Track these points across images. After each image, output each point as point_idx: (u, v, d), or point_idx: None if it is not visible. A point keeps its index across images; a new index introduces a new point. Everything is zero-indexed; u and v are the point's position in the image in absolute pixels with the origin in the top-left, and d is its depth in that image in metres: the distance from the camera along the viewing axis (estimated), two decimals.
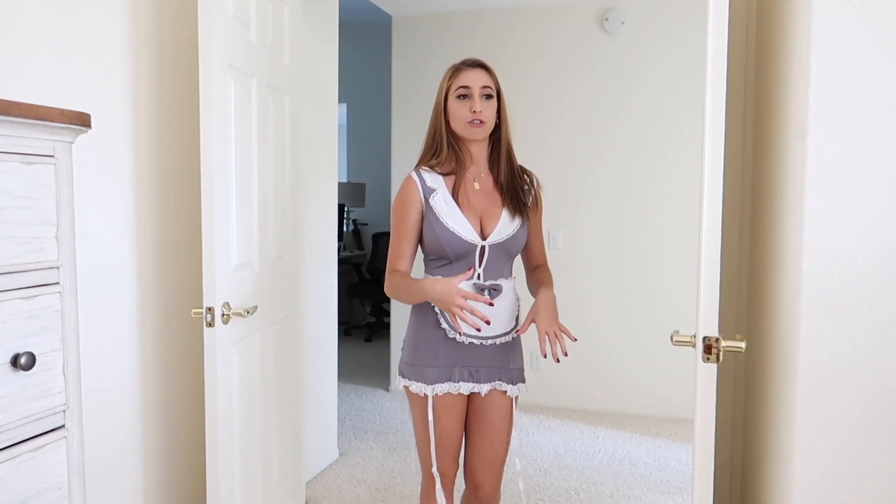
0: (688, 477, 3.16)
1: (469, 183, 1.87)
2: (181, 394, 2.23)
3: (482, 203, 1.87)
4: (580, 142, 4.10)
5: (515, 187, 1.89)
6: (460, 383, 1.85)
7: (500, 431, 1.90)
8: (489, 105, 1.84)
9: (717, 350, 1.43)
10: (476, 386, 1.87)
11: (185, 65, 2.16)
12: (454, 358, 1.85)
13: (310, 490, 2.99)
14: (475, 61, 1.88)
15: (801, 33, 1.46)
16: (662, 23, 3.92)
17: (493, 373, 1.88)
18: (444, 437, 1.87)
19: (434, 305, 1.84)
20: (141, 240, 2.04)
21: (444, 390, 1.84)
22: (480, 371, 1.87)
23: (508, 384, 1.89)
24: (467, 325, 1.74)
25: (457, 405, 1.88)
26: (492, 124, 1.86)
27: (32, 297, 1.23)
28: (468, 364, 1.86)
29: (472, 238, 1.82)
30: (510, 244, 1.86)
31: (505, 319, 1.88)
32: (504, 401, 1.90)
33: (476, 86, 1.83)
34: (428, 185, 1.85)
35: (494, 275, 1.85)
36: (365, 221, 6.60)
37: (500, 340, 1.88)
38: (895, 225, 1.35)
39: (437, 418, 1.85)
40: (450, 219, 1.82)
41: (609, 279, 4.10)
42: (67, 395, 1.30)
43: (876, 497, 1.39)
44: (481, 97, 1.83)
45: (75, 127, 1.30)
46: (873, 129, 1.36)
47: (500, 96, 1.89)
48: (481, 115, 1.81)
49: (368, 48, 5.98)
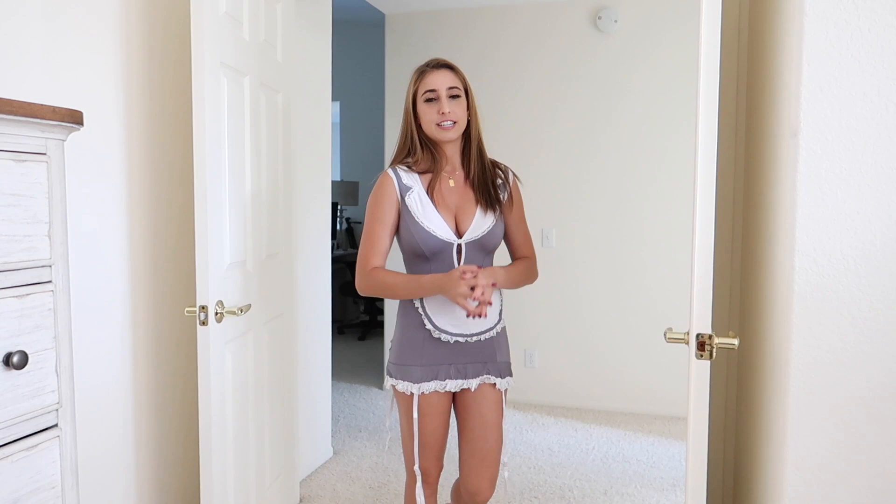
0: (681, 473, 3.17)
1: (445, 181, 1.89)
2: (174, 393, 2.22)
3: (457, 201, 1.89)
4: (573, 140, 4.10)
5: (487, 183, 1.91)
6: (447, 381, 1.87)
7: (492, 426, 1.91)
8: (457, 104, 1.85)
9: (710, 347, 1.44)
10: (465, 382, 1.89)
11: (177, 62, 2.15)
12: (440, 357, 1.87)
13: (304, 488, 2.99)
14: (439, 62, 1.88)
15: (793, 33, 1.47)
16: (655, 21, 3.94)
17: (481, 367, 1.89)
18: (427, 435, 1.89)
19: (418, 306, 1.87)
20: (134, 238, 2.04)
21: (431, 389, 1.86)
22: (468, 367, 1.88)
23: (497, 377, 1.91)
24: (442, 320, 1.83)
25: (441, 404, 1.89)
26: (463, 123, 1.87)
27: (25, 295, 1.22)
28: (455, 361, 1.88)
29: (448, 236, 1.85)
30: (486, 240, 1.88)
31: (490, 315, 1.90)
32: (494, 394, 1.92)
33: (442, 87, 1.84)
34: (404, 182, 1.87)
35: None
36: (358, 220, 6.59)
37: (485, 336, 1.90)
38: (885, 223, 1.37)
39: (422, 417, 1.88)
40: (425, 217, 1.84)
41: (603, 277, 4.12)
42: (60, 394, 1.29)
43: (866, 492, 1.40)
44: (448, 98, 1.84)
45: (67, 124, 1.30)
46: (864, 128, 1.37)
47: (469, 93, 1.90)
48: (451, 116, 1.83)
49: (362, 46, 5.97)
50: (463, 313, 1.80)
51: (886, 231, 1.36)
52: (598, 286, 4.13)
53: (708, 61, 1.42)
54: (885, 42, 1.35)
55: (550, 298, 4.19)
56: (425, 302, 1.86)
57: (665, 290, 3.98)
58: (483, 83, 4.19)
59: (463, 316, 1.82)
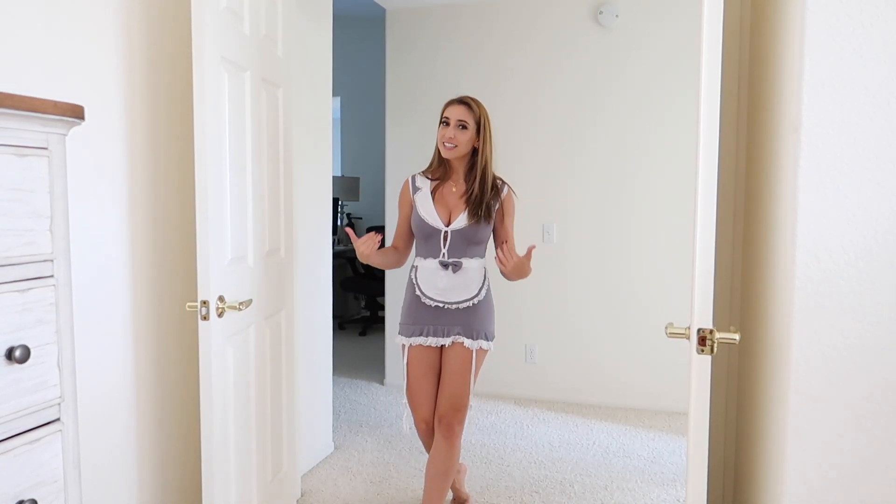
0: (681, 469, 3.18)
1: (448, 187, 2.43)
2: (175, 387, 2.23)
3: (453, 202, 2.42)
4: (574, 134, 4.10)
5: (481, 200, 2.37)
6: (429, 338, 2.41)
7: (457, 374, 2.39)
8: (462, 133, 2.35)
9: (712, 342, 1.44)
10: (442, 339, 2.40)
11: (178, 57, 2.15)
12: (426, 318, 2.41)
13: (305, 483, 2.99)
14: (461, 99, 2.40)
15: (794, 27, 1.46)
16: (656, 16, 3.93)
17: (455, 329, 2.39)
18: (413, 378, 2.44)
19: (413, 277, 2.45)
20: (135, 233, 2.04)
21: (417, 342, 2.42)
22: (445, 328, 2.40)
23: (467, 338, 2.38)
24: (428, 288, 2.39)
25: (427, 356, 2.42)
26: (463, 148, 2.37)
27: (26, 290, 1.22)
28: (436, 323, 2.40)
29: (437, 224, 2.39)
30: (468, 232, 2.37)
31: (466, 289, 2.39)
32: (463, 351, 2.39)
33: (453, 118, 2.36)
34: (416, 185, 2.48)
35: (458, 254, 2.38)
36: (359, 215, 6.59)
37: (462, 305, 2.40)
38: (887, 218, 1.36)
39: (410, 364, 2.44)
40: (422, 209, 2.42)
41: (604, 272, 4.12)
42: (62, 389, 1.29)
43: (867, 488, 1.40)
44: (456, 127, 2.35)
45: (68, 119, 1.30)
46: (866, 123, 1.36)
47: (482, 128, 2.37)
48: (453, 141, 2.35)
49: (362, 41, 5.96)
50: (444, 284, 2.37)
51: (888, 226, 1.36)
52: (599, 281, 4.13)
53: (710, 55, 1.42)
54: (888, 36, 1.34)
55: (551, 294, 4.19)
56: (418, 274, 2.43)
57: (666, 285, 3.97)
58: (482, 79, 4.19)
59: (444, 287, 2.37)
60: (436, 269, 2.38)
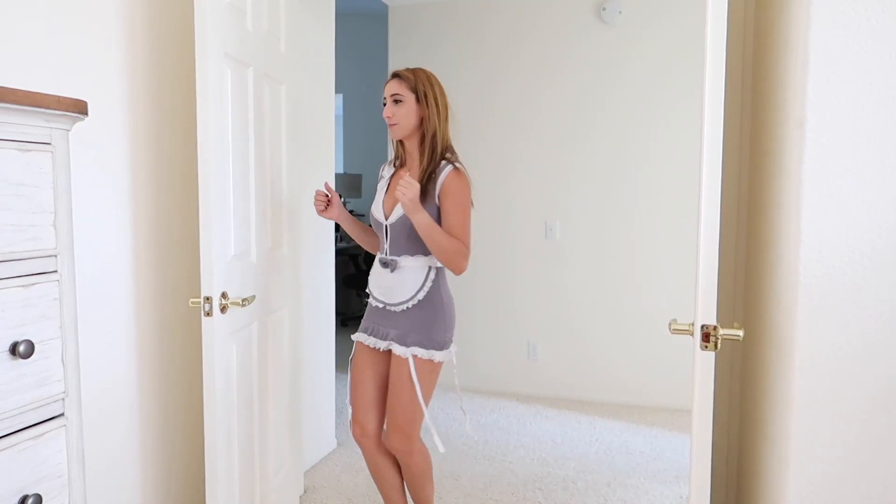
0: (684, 466, 3.18)
1: (405, 173, 2.04)
2: (179, 383, 2.23)
3: None
4: (576, 131, 4.09)
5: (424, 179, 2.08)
6: (370, 337, 2.21)
7: (395, 388, 2.13)
8: (398, 108, 2.10)
9: (715, 338, 1.43)
10: (379, 342, 2.18)
11: (181, 53, 2.15)
12: (372, 318, 2.22)
13: (308, 479, 3.00)
14: (393, 72, 2.15)
15: (799, 23, 1.46)
16: (660, 12, 3.92)
17: (391, 334, 2.15)
18: (355, 376, 2.25)
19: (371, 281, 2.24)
20: (138, 229, 2.04)
21: (359, 339, 2.24)
22: (384, 331, 2.17)
23: (401, 346, 2.11)
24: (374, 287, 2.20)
25: (369, 359, 2.22)
26: (406, 124, 2.10)
27: (30, 285, 1.22)
28: (379, 324, 2.19)
29: (380, 217, 2.18)
30: (404, 224, 2.07)
31: (404, 290, 2.12)
32: (399, 361, 2.12)
33: (387, 94, 2.12)
34: (382, 174, 2.30)
35: (398, 251, 2.13)
36: (361, 212, 6.59)
37: (398, 308, 2.14)
38: (892, 214, 1.36)
39: (352, 363, 2.27)
40: (375, 200, 2.23)
41: (607, 269, 4.11)
42: (66, 384, 1.30)
43: (871, 486, 1.40)
44: (392, 103, 2.11)
45: (72, 114, 1.29)
46: (871, 119, 1.36)
47: (420, 98, 2.09)
48: (392, 119, 2.10)
49: (365, 38, 5.95)
50: (385, 283, 2.14)
51: (893, 223, 1.36)
52: (601, 278, 4.12)
53: (714, 52, 1.41)
54: (893, 32, 1.34)
55: (553, 291, 4.19)
56: (371, 275, 2.23)
57: (670, 281, 3.97)
58: (484, 75, 4.19)
59: (385, 286, 2.15)
60: (379, 266, 2.18)
